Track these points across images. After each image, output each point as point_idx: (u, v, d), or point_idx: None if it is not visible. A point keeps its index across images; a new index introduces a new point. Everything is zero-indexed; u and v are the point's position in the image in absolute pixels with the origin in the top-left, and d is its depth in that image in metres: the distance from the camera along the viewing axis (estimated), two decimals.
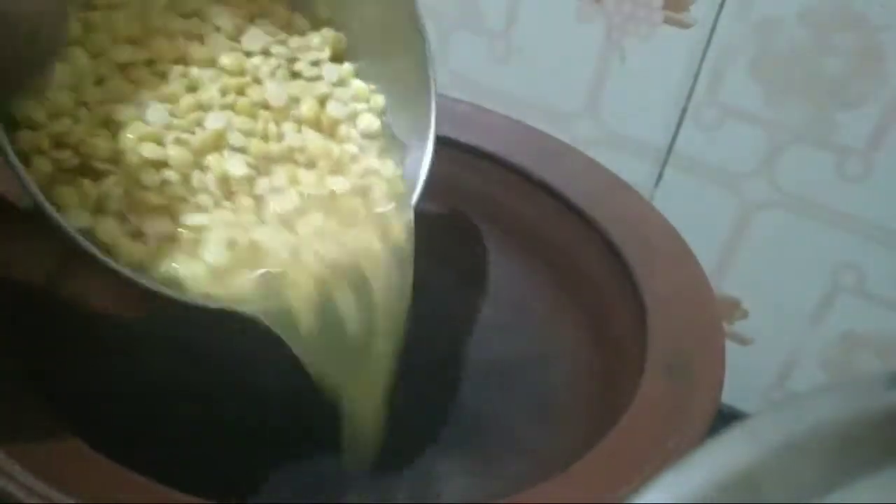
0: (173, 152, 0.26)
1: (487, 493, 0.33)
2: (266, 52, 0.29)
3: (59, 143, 0.25)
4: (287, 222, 0.27)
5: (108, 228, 0.24)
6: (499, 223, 0.42)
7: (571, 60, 0.43)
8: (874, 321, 0.42)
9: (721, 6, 0.38)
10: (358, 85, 0.31)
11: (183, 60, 0.28)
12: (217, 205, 0.26)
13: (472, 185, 0.42)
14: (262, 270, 0.26)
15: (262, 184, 0.27)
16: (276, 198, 0.27)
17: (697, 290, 0.34)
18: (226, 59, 0.28)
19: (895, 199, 0.39)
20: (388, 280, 0.29)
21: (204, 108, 0.27)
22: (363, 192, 0.29)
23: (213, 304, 0.25)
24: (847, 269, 0.41)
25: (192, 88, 0.27)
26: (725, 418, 0.27)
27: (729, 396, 0.38)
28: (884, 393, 0.13)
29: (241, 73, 0.28)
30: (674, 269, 0.35)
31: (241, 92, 0.28)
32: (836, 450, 0.13)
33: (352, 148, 0.30)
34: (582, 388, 0.36)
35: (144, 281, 0.24)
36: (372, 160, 0.30)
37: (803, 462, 0.13)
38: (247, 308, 0.25)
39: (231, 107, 0.27)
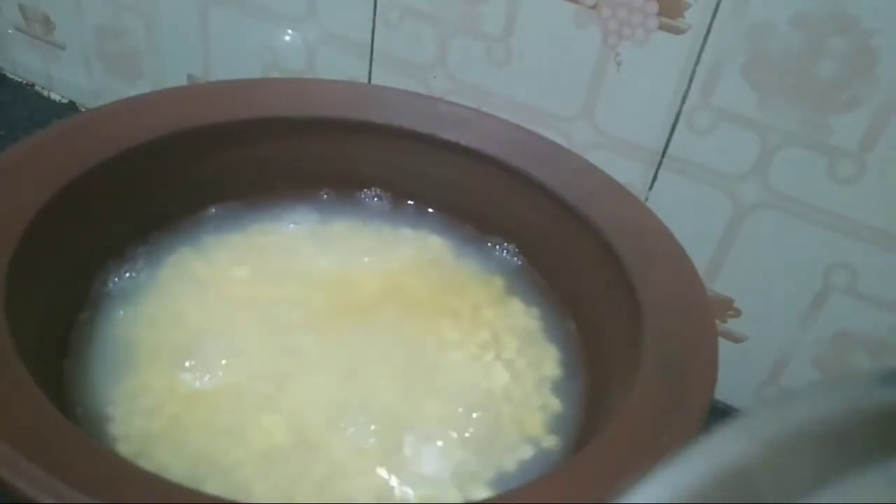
0: None
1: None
2: None
3: None
4: None
5: None
6: (497, 224, 0.43)
7: (568, 65, 0.43)
8: (866, 321, 0.42)
9: (715, 12, 0.39)
10: None
11: None
12: None
13: (472, 187, 0.42)
14: None
15: None
16: None
17: (691, 289, 0.34)
18: None
19: (887, 200, 0.39)
20: None
21: None
22: None
23: None
24: (839, 269, 0.41)
25: None
26: (719, 415, 0.28)
27: (722, 393, 0.38)
28: (876, 389, 0.14)
29: None
30: (668, 268, 0.35)
31: None
32: (830, 445, 0.13)
33: None
34: (578, 384, 0.37)
35: None
36: None
37: (797, 457, 0.13)
38: None
39: None
